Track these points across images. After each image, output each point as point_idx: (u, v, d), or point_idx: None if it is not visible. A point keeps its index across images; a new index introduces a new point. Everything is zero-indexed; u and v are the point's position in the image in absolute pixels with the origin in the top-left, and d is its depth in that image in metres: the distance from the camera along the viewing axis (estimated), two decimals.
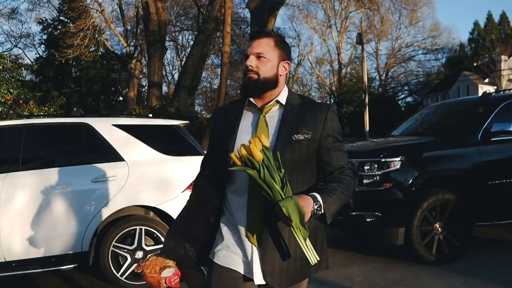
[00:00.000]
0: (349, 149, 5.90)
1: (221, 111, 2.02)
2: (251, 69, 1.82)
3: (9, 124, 4.42)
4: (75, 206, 4.24)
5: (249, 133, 1.83)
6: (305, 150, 1.81)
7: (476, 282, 4.32)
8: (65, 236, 4.23)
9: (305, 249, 1.66)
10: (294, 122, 1.83)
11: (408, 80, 42.57)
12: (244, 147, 1.66)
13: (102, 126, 4.47)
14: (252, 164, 1.63)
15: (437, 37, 40.70)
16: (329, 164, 1.85)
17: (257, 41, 1.85)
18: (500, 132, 5.12)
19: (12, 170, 4.23)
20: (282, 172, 1.65)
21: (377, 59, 42.05)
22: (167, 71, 35.60)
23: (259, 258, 1.77)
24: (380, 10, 24.87)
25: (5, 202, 4.12)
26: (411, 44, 41.13)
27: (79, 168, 4.34)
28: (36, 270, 4.26)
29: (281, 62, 1.87)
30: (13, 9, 25.61)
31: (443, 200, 4.86)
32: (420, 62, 42.33)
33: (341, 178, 1.83)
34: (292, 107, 1.87)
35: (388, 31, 39.28)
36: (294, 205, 1.58)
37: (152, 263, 1.86)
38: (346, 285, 4.43)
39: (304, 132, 1.81)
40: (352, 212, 4.95)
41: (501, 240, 5.82)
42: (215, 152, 1.93)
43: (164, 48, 19.59)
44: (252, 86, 1.83)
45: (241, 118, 1.88)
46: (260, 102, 1.87)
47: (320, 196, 1.70)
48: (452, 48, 42.89)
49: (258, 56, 1.83)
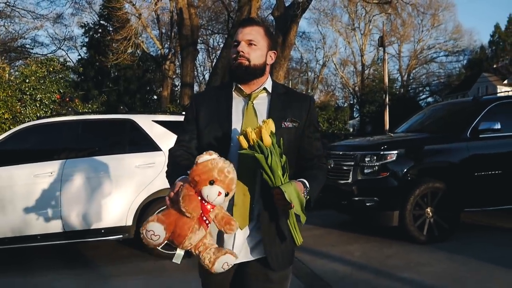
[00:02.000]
0: (352, 143, 6.53)
1: (207, 95, 1.97)
2: (242, 54, 1.79)
3: (68, 119, 5.19)
4: (121, 187, 4.95)
5: (239, 119, 1.80)
6: (293, 137, 1.81)
7: (459, 257, 4.82)
8: (113, 212, 4.94)
9: (294, 231, 1.69)
10: (282, 110, 1.83)
11: (429, 81, 42.34)
12: (254, 131, 1.63)
13: (143, 122, 5.18)
14: (261, 149, 1.61)
15: (458, 40, 40.32)
16: (309, 152, 1.87)
17: (248, 28, 1.83)
18: (487, 130, 5.60)
19: (70, 157, 4.98)
20: (284, 159, 1.64)
21: (400, 61, 41.91)
22: (199, 72, 36.41)
23: (242, 238, 1.75)
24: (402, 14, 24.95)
25: (65, 183, 4.87)
26: (433, 46, 40.83)
27: (125, 156, 5.05)
28: (89, 239, 5.00)
29: (269, 51, 1.87)
30: (58, 15, 26.74)
31: (433, 188, 5.39)
32: (442, 64, 42.06)
33: (320, 165, 1.88)
34: (278, 95, 1.86)
35: (411, 33, 39.20)
36: (294, 191, 1.59)
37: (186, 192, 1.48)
38: (347, 258, 4.98)
39: (292, 120, 1.82)
40: (354, 197, 5.53)
41: (488, 226, 6.30)
42: (204, 134, 1.83)
43: (196, 51, 20.30)
44: (242, 72, 1.80)
45: (232, 102, 1.84)
46: (247, 88, 1.84)
47: (308, 182, 1.73)
48: (473, 50, 42.49)
49: (250, 43, 1.81)
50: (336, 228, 6.42)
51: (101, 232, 4.94)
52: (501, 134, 5.63)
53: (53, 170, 4.84)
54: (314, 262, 4.78)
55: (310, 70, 42.76)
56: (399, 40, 39.45)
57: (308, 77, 42.76)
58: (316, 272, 4.48)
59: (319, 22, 39.29)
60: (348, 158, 5.75)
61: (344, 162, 5.79)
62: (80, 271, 4.80)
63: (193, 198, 1.47)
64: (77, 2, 25.69)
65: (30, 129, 5.10)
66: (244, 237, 1.75)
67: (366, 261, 4.88)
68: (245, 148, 1.63)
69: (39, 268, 4.94)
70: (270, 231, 1.74)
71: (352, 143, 6.69)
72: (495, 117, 5.69)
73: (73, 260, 5.26)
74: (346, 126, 21.16)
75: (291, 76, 40.13)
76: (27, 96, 10.29)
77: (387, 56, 28.17)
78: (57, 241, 4.88)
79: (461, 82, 39.91)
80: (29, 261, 5.21)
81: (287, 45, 13.42)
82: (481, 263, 4.61)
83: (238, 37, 1.82)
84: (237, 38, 1.83)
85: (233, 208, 1.72)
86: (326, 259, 4.98)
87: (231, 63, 1.84)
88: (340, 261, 4.92)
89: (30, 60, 12.87)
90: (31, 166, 4.85)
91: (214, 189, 1.47)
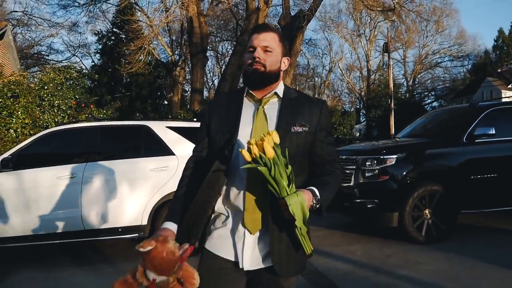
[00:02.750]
0: (355, 148, 6.73)
1: (219, 101, 1.96)
2: (258, 60, 1.77)
3: (88, 125, 5.48)
4: (137, 189, 5.22)
5: (249, 123, 1.79)
6: (303, 142, 1.78)
7: (456, 257, 4.99)
8: (129, 212, 5.20)
9: (303, 241, 1.66)
10: (292, 114, 1.80)
11: (434, 85, 42.41)
12: (256, 144, 1.61)
13: (158, 128, 5.45)
14: (263, 161, 1.60)
15: (462, 45, 40.38)
16: (322, 156, 1.83)
17: (263, 34, 1.81)
18: (482, 135, 5.79)
19: (90, 160, 5.25)
20: (289, 169, 1.62)
21: (405, 66, 42.03)
22: (208, 78, 36.77)
23: (252, 245, 1.73)
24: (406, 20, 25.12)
25: (85, 185, 5.14)
26: (438, 51, 40.88)
27: (140, 160, 5.32)
28: (106, 237, 5.27)
29: (283, 57, 1.86)
30: (74, 23, 27.28)
31: (431, 191, 5.58)
32: (447, 68, 42.09)
33: (332, 171, 1.83)
34: (289, 100, 1.84)
35: (415, 39, 39.32)
36: (299, 204, 1.57)
37: (165, 243, 1.56)
38: (349, 257, 5.18)
39: (302, 124, 1.79)
40: (356, 199, 5.73)
41: (485, 227, 6.47)
42: (215, 141, 1.83)
43: (205, 58, 20.61)
44: (258, 77, 1.78)
45: (242, 108, 1.83)
46: (259, 94, 1.83)
47: (318, 190, 1.69)
48: (477, 55, 42.47)
49: (265, 50, 1.79)
50: (340, 229, 6.63)
51: (118, 231, 5.20)
52: (496, 139, 5.81)
53: (74, 173, 5.12)
54: (318, 260, 4.98)
55: (317, 75, 43.02)
56: (404, 45, 39.60)
57: (315, 82, 42.98)
58: (320, 270, 4.68)
59: (325, 29, 39.58)
60: (350, 162, 5.95)
61: (347, 166, 5.99)
62: (98, 266, 5.05)
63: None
64: (91, 11, 26.20)
65: (53, 134, 5.39)
66: (254, 244, 1.73)
67: (367, 259, 5.08)
68: (249, 162, 1.62)
69: (59, 264, 5.21)
70: (280, 239, 1.70)
71: (354, 148, 6.90)
72: (490, 123, 5.86)
73: (92, 257, 5.52)
74: (352, 130, 21.36)
75: (298, 81, 40.37)
76: (45, 102, 10.60)
77: (392, 62, 28.39)
78: (77, 239, 5.15)
79: (465, 87, 39.91)
80: (49, 257, 5.48)
81: (293, 53, 13.69)
82: (476, 262, 4.79)
83: (254, 43, 1.80)
84: (252, 44, 1.80)
85: (244, 213, 1.72)
86: (330, 258, 5.18)
87: (246, 68, 1.82)
88: (342, 259, 5.12)
89: (49, 68, 13.22)
90: (54, 169, 5.14)
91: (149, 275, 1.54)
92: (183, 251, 1.57)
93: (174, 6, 15.50)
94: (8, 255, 5.52)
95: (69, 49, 33.51)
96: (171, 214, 1.79)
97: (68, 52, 33.58)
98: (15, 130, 9.71)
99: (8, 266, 5.17)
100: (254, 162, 1.61)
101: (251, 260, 1.72)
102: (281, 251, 1.70)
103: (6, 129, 9.65)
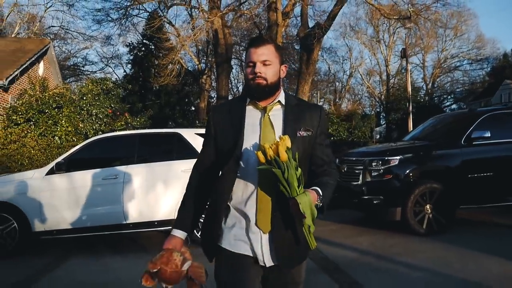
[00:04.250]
0: (363, 151, 7.24)
1: (222, 109, 1.98)
2: (260, 75, 1.80)
3: (128, 133, 6.20)
4: (170, 188, 5.84)
5: (256, 131, 1.83)
6: (307, 146, 1.84)
7: (452, 247, 5.45)
8: (164, 207, 5.82)
9: (308, 237, 1.73)
10: (296, 120, 1.85)
11: (453, 88, 42.09)
12: (271, 147, 1.68)
13: (188, 134, 6.09)
14: (278, 164, 1.66)
15: (481, 48, 39.96)
16: (321, 158, 1.90)
17: (261, 48, 1.83)
18: (479, 137, 6.22)
19: (130, 163, 5.94)
20: (299, 171, 1.68)
21: (424, 70, 41.84)
22: (233, 85, 37.49)
23: (268, 243, 1.79)
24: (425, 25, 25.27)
25: (126, 184, 5.82)
26: (457, 55, 40.55)
27: (173, 162, 5.96)
28: (144, 230, 5.95)
29: (281, 66, 1.89)
30: (107, 36, 28.44)
31: (431, 188, 6.04)
32: (466, 72, 41.70)
33: (330, 171, 1.90)
34: (291, 106, 1.88)
35: (434, 44, 39.14)
36: (308, 203, 1.64)
37: (170, 259, 1.75)
38: (356, 247, 5.68)
39: (306, 129, 1.84)
40: (364, 196, 6.25)
41: (481, 221, 6.89)
42: (223, 147, 1.87)
43: (230, 67, 21.23)
44: (261, 91, 1.82)
45: (245, 116, 1.86)
46: (263, 102, 1.86)
47: (321, 190, 1.75)
48: (496, 58, 41.91)
49: (264, 63, 1.81)
50: (350, 223, 7.16)
51: (155, 224, 5.85)
52: (491, 141, 6.23)
53: (117, 174, 5.81)
54: (328, 249, 5.51)
55: (338, 80, 43.23)
56: (422, 50, 39.48)
57: (335, 87, 43.22)
58: (329, 257, 5.21)
59: (345, 36, 39.80)
60: (359, 163, 6.47)
61: (356, 166, 6.51)
62: (138, 254, 5.72)
63: None
64: (123, 24, 27.27)
65: (98, 142, 6.12)
66: (267, 242, 1.79)
67: (372, 249, 5.57)
68: (263, 163, 1.69)
69: (104, 252, 5.91)
70: (284, 237, 1.78)
71: (363, 150, 7.40)
72: (487, 127, 6.28)
73: (131, 246, 6.20)
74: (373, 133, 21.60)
75: (320, 85, 40.68)
76: (84, 111, 11.33)
77: (411, 66, 28.51)
78: (119, 231, 5.84)
79: (484, 89, 39.46)
80: (96, 246, 6.19)
81: (311, 62, 14.20)
82: (468, 251, 5.23)
83: (253, 58, 1.82)
84: (252, 60, 1.83)
85: (258, 214, 1.78)
86: (339, 247, 5.70)
87: (248, 82, 1.85)
88: (350, 249, 5.63)
89: (87, 80, 14.08)
90: (100, 171, 5.85)
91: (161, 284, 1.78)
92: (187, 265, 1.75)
93: (200, 25, 16.16)
94: (62, 244, 6.26)
95: (103, 60, 34.84)
96: (179, 221, 1.91)
97: (102, 63, 34.85)
98: (59, 137, 10.53)
99: (63, 253, 5.91)
100: (268, 164, 1.69)
101: (269, 257, 1.78)
102: (283, 245, 1.78)
103: (52, 136, 10.49)
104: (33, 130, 10.37)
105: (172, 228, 1.90)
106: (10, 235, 5.65)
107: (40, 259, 5.57)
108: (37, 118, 10.55)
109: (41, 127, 10.46)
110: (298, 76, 15.63)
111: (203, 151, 1.97)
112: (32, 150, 9.89)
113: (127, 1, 18.76)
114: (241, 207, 1.81)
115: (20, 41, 17.51)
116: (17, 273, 5.00)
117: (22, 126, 10.34)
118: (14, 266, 5.32)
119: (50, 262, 5.48)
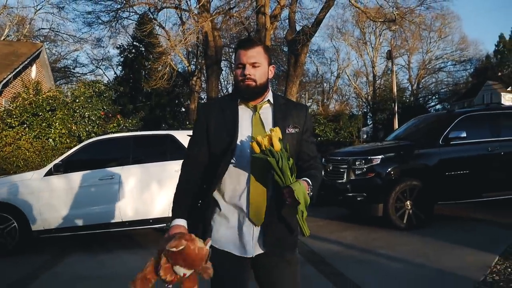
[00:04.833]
0: (348, 150, 7.54)
1: (214, 106, 1.99)
2: (249, 77, 1.84)
3: (123, 135, 6.42)
4: (164, 187, 6.06)
5: (248, 127, 1.88)
6: (295, 142, 1.91)
7: (429, 239, 5.75)
8: (158, 206, 6.05)
9: (302, 225, 1.79)
10: (284, 118, 1.91)
11: (438, 89, 42.73)
12: (265, 138, 1.74)
13: (180, 136, 6.31)
14: (272, 153, 1.71)
15: (464, 50, 40.66)
16: (307, 153, 1.97)
17: (250, 50, 1.86)
18: (456, 138, 6.54)
19: (125, 164, 6.16)
20: (291, 161, 1.75)
21: (409, 71, 42.43)
22: (222, 86, 37.67)
23: (259, 235, 1.86)
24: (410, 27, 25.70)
25: (122, 184, 6.03)
26: (441, 57, 41.20)
27: (167, 163, 6.18)
28: (140, 227, 6.17)
29: (269, 66, 1.93)
30: (98, 38, 28.41)
31: (411, 186, 6.35)
32: (450, 73, 42.37)
33: (316, 165, 1.99)
34: (279, 105, 1.95)
35: (419, 45, 39.71)
36: (302, 190, 1.70)
37: (193, 237, 1.67)
38: (340, 241, 5.95)
39: (294, 126, 1.92)
40: (348, 194, 6.54)
41: (458, 216, 7.23)
42: (217, 142, 1.90)
43: (220, 69, 21.42)
44: (251, 92, 1.86)
45: (239, 113, 1.91)
46: (252, 101, 1.91)
47: (310, 181, 1.83)
48: (479, 59, 42.65)
49: (254, 65, 1.85)
50: (335, 219, 7.45)
51: (149, 222, 6.08)
52: (468, 141, 6.56)
53: (113, 175, 6.03)
54: (314, 243, 5.77)
55: (325, 81, 43.64)
56: (408, 52, 40.05)
57: (323, 88, 43.62)
58: (315, 250, 5.48)
59: (333, 37, 40.22)
60: (343, 162, 6.76)
61: (341, 165, 6.80)
62: (134, 250, 5.93)
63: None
64: (113, 27, 27.31)
65: (94, 143, 6.34)
66: (258, 233, 1.86)
67: (356, 243, 5.86)
68: (258, 153, 1.75)
69: (102, 249, 6.12)
70: (277, 228, 1.86)
71: (347, 150, 7.70)
72: (464, 127, 6.61)
73: (128, 243, 6.42)
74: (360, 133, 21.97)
75: (308, 86, 41.02)
76: (77, 113, 11.47)
77: (397, 67, 28.97)
78: (116, 228, 6.05)
79: (467, 90, 40.17)
80: (94, 244, 6.39)
81: (299, 65, 14.49)
82: (445, 243, 5.54)
83: (243, 60, 1.86)
84: (241, 61, 1.86)
85: (249, 207, 1.84)
86: (325, 241, 5.97)
87: (238, 84, 1.89)
88: (335, 243, 5.91)
89: (79, 82, 14.21)
90: (96, 171, 6.06)
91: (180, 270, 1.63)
92: (210, 245, 1.69)
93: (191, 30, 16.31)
94: (58, 242, 6.45)
95: (93, 62, 34.75)
96: (178, 211, 1.90)
97: (92, 65, 34.78)
98: (53, 139, 10.70)
99: (62, 250, 6.11)
100: (263, 154, 1.75)
101: (258, 247, 1.86)
102: (274, 237, 1.86)
103: (46, 139, 10.65)
104: (28, 132, 10.52)
105: (172, 219, 1.88)
106: (10, 234, 5.84)
107: (38, 257, 5.76)
108: (31, 121, 10.70)
109: (35, 129, 10.61)
110: (286, 78, 15.90)
111: (193, 147, 1.98)
112: (27, 152, 10.05)
113: (118, 4, 18.87)
114: (234, 201, 1.86)
115: (13, 45, 17.56)
116: (17, 271, 5.16)
117: (17, 129, 10.49)
118: (14, 264, 5.49)
119: (48, 259, 5.67)
